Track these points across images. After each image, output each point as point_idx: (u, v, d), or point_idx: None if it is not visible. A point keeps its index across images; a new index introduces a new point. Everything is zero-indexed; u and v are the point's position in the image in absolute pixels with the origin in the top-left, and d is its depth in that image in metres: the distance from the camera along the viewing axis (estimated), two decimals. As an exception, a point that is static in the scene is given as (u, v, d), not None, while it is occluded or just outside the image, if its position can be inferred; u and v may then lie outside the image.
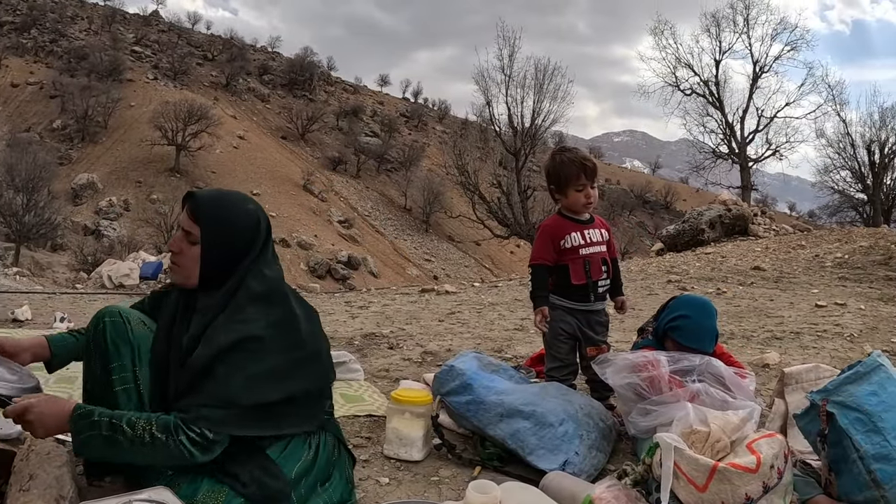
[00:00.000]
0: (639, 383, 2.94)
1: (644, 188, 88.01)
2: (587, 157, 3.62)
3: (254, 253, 2.36)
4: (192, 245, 2.35)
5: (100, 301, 8.54)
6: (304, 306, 2.47)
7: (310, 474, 2.36)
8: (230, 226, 2.35)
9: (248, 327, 2.23)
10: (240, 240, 2.35)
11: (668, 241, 16.50)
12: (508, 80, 34.69)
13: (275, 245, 2.53)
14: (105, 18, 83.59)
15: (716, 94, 39.75)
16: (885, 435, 2.31)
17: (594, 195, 3.61)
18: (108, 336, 2.42)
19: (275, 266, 2.43)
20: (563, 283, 3.59)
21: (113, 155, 58.73)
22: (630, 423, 2.96)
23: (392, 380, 4.40)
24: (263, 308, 2.29)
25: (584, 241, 3.59)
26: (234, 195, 2.46)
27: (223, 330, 2.23)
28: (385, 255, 58.57)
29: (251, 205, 2.43)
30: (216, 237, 2.34)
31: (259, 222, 2.40)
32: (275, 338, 2.26)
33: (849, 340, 5.49)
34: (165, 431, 2.11)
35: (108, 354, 2.40)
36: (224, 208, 2.38)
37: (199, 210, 2.35)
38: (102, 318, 2.46)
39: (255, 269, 2.35)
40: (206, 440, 2.14)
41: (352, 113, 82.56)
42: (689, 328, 3.23)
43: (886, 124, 36.53)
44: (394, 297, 9.28)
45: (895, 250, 10.22)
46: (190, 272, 2.37)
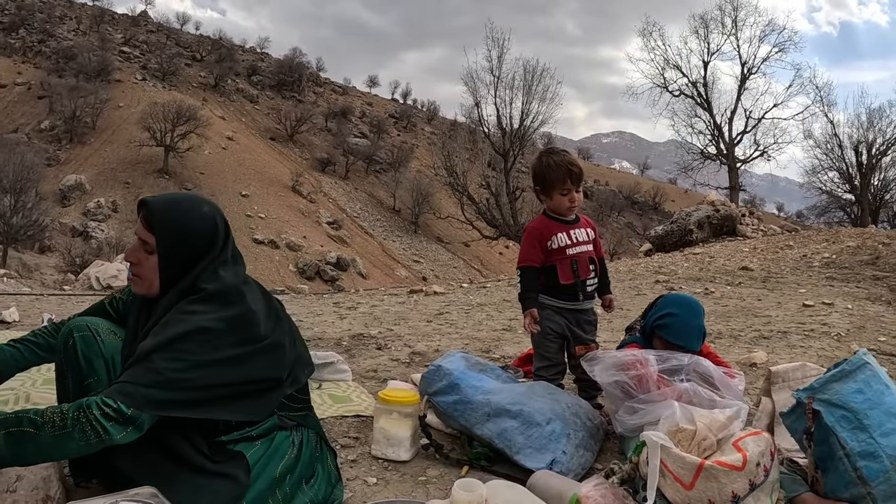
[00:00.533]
0: (626, 381, 2.95)
1: (633, 189, 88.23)
2: (573, 162, 3.63)
3: (213, 255, 2.30)
4: (149, 255, 2.29)
5: (87, 302, 8.49)
6: (268, 302, 2.42)
7: (294, 472, 2.36)
8: (186, 232, 2.29)
9: (195, 318, 2.17)
10: (197, 244, 2.29)
11: (656, 242, 16.54)
12: (497, 82, 34.75)
13: (262, 244, 2.51)
14: (93, 19, 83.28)
15: (704, 96, 39.92)
16: (870, 432, 2.32)
17: (579, 199, 3.62)
18: (80, 352, 2.37)
19: (234, 266, 2.37)
20: (552, 283, 3.60)
21: (101, 156, 58.53)
22: (617, 422, 2.96)
23: (380, 380, 4.39)
24: (216, 306, 2.23)
25: (570, 241, 3.60)
26: (188, 199, 2.38)
27: (170, 323, 2.16)
28: (374, 257, 58.52)
29: (206, 207, 2.36)
30: (173, 244, 2.28)
31: (216, 224, 2.33)
32: (224, 330, 2.19)
33: (836, 340, 5.51)
34: (78, 409, 1.99)
35: (82, 371, 2.37)
36: (178, 214, 2.30)
37: (154, 218, 2.29)
38: (71, 335, 2.41)
39: (210, 269, 2.29)
40: (121, 415, 2.01)
41: (340, 114, 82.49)
42: (676, 326, 3.24)
43: (874, 125, 36.80)
44: (382, 298, 9.26)
45: (882, 250, 10.26)
46: (150, 282, 2.31)
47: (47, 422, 1.95)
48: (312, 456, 2.45)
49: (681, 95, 40.35)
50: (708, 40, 40.07)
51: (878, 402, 2.39)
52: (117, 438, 2.00)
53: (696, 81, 40.03)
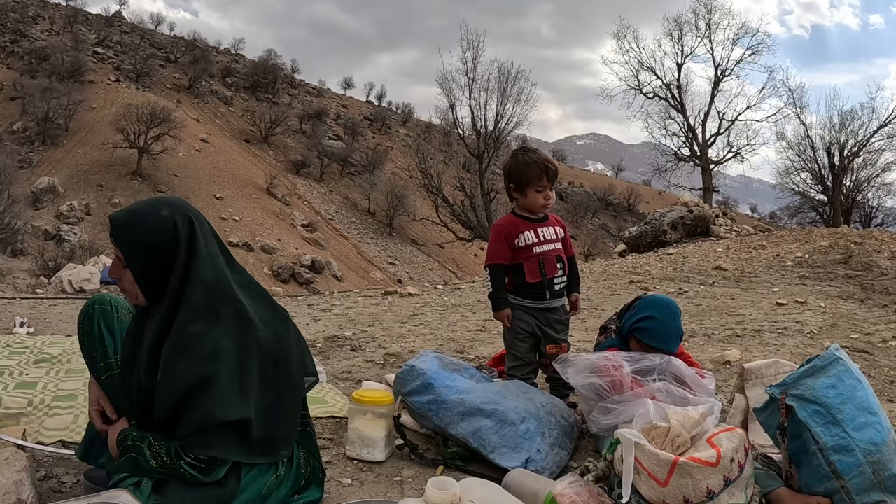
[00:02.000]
0: (600, 384, 2.95)
1: (607, 191, 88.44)
2: (549, 160, 3.65)
3: (179, 259, 2.28)
4: (125, 269, 2.32)
5: (60, 306, 8.41)
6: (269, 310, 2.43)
7: (283, 485, 2.38)
8: (144, 240, 2.28)
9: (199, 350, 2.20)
10: (159, 250, 2.28)
11: (630, 243, 16.62)
12: (472, 84, 34.84)
13: (236, 247, 2.50)
14: (67, 19, 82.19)
15: (678, 98, 40.20)
16: (843, 426, 2.33)
17: (553, 197, 3.64)
18: (95, 323, 2.48)
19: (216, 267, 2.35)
20: (519, 282, 3.62)
21: (74, 158, 57.86)
22: (591, 422, 2.96)
23: (354, 381, 4.38)
24: (207, 318, 2.24)
25: (537, 238, 3.61)
26: (146, 206, 2.37)
27: (178, 358, 2.19)
28: (349, 259, 58.33)
29: (165, 210, 2.33)
30: (135, 256, 2.29)
31: (175, 225, 2.30)
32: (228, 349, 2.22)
33: (809, 337, 5.55)
34: (169, 457, 2.17)
35: (94, 342, 2.46)
36: (134, 224, 2.30)
37: (115, 233, 2.32)
38: (92, 305, 2.52)
39: (191, 277, 2.28)
40: (202, 462, 2.17)
41: (315, 116, 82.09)
42: (654, 329, 3.26)
43: (846, 127, 37.25)
44: (357, 300, 9.24)
45: (854, 250, 10.36)
46: (135, 294, 2.34)
47: (154, 456, 2.19)
48: (300, 472, 2.46)
49: (655, 97, 40.63)
50: (682, 43, 40.41)
51: (850, 397, 2.40)
52: (211, 479, 2.20)
53: (669, 84, 40.34)
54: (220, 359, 2.19)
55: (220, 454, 2.19)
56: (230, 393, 2.18)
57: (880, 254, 9.98)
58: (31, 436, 3.10)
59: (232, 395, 2.19)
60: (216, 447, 2.18)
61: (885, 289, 7.86)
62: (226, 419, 2.17)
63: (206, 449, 2.17)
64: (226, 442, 2.20)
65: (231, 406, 2.18)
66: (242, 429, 2.21)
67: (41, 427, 3.25)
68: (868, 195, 38.62)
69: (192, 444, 2.17)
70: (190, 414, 2.17)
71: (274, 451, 2.35)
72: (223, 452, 2.19)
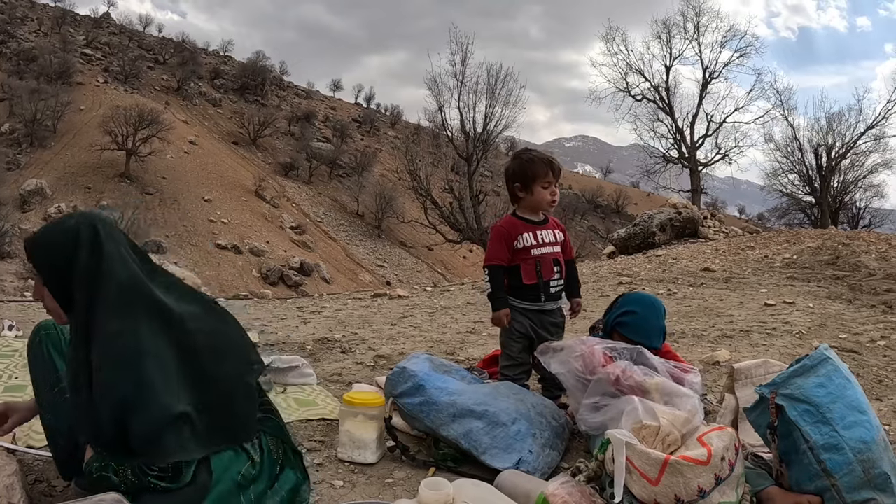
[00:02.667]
0: (576, 367, 3.00)
1: (595, 192, 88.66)
2: (553, 156, 3.71)
3: (80, 262, 2.23)
4: (44, 286, 2.30)
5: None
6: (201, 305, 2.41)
7: (259, 477, 2.35)
8: (47, 249, 2.27)
9: (123, 349, 2.17)
10: (60, 258, 2.25)
11: (619, 245, 16.66)
12: (461, 86, 34.80)
13: (225, 249, 2.49)
14: (55, 20, 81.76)
15: (666, 100, 40.33)
16: (833, 425, 2.35)
17: (558, 194, 3.69)
18: (45, 349, 2.51)
19: (128, 267, 2.30)
20: (516, 283, 3.64)
21: (62, 160, 57.59)
22: (580, 420, 2.98)
23: (345, 384, 4.37)
24: (124, 314, 2.21)
25: (536, 241, 3.63)
26: (54, 222, 2.38)
27: (104, 365, 2.16)
28: (337, 261, 58.28)
29: (71, 220, 2.31)
30: (42, 266, 2.29)
31: (78, 234, 2.26)
32: (153, 345, 2.19)
33: (797, 337, 5.58)
34: (136, 476, 2.16)
35: (47, 367, 2.49)
36: (40, 238, 2.31)
37: (27, 250, 2.32)
38: (38, 333, 2.56)
39: (101, 277, 2.24)
40: (167, 472, 2.15)
41: (304, 118, 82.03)
42: (635, 324, 3.32)
43: (833, 129, 37.43)
44: (346, 302, 9.23)
45: (842, 250, 10.41)
46: (58, 313, 2.32)
47: (122, 480, 2.16)
48: (272, 460, 2.43)
49: (643, 100, 40.74)
50: (670, 45, 40.52)
51: (839, 396, 2.42)
52: (184, 483, 2.17)
53: (658, 86, 40.44)
54: (145, 359, 2.16)
55: (178, 457, 2.15)
56: (163, 391, 2.15)
57: (868, 254, 10.04)
58: (20, 439, 3.08)
59: (166, 392, 2.16)
60: (171, 451, 2.14)
61: (872, 289, 7.90)
62: (166, 419, 2.14)
63: (163, 457, 2.14)
64: (179, 441, 2.16)
65: (169, 403, 2.15)
66: (189, 423, 2.18)
67: (31, 430, 3.23)
68: (855, 196, 38.89)
69: (149, 457, 2.14)
70: (133, 424, 2.12)
71: (232, 436, 2.32)
72: (181, 453, 2.16)
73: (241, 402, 2.40)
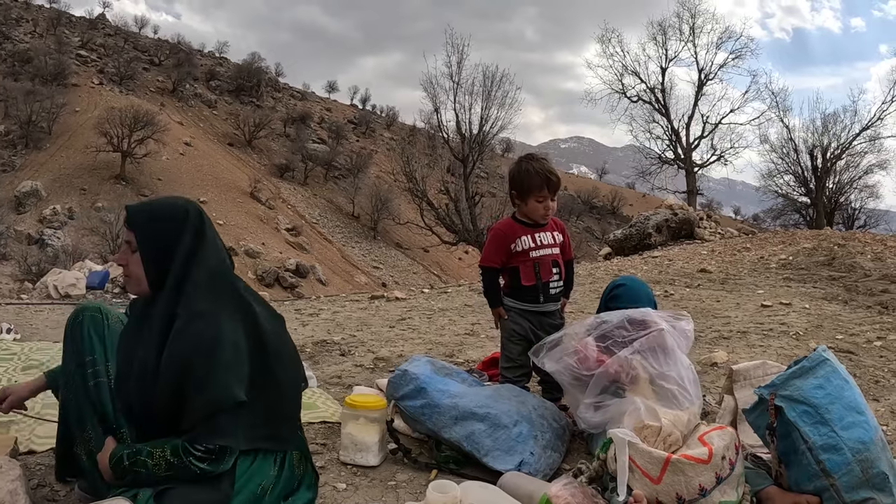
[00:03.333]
0: (571, 364, 3.03)
1: (591, 194, 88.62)
2: (552, 171, 3.70)
3: (185, 242, 2.36)
4: (133, 252, 2.37)
5: (46, 311, 8.38)
6: (265, 307, 2.49)
7: (276, 487, 2.39)
8: (157, 221, 2.38)
9: (204, 326, 2.25)
10: (168, 232, 2.36)
11: (615, 246, 16.67)
12: (457, 87, 34.75)
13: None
14: (50, 21, 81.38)
15: (662, 101, 40.34)
16: (832, 426, 2.38)
17: (553, 207, 3.70)
18: (85, 330, 2.49)
19: (220, 256, 2.44)
20: (515, 284, 3.68)
21: (57, 162, 57.40)
22: (579, 419, 3.00)
23: (345, 386, 4.39)
24: (212, 298, 2.31)
25: (534, 244, 3.66)
26: (164, 197, 2.54)
27: (184, 335, 2.24)
28: (333, 263, 58.19)
29: (181, 201, 2.47)
30: (146, 235, 2.36)
31: (187, 213, 2.40)
32: (232, 329, 2.28)
33: (794, 338, 5.60)
34: (176, 456, 2.19)
35: (83, 348, 2.47)
36: (151, 208, 2.43)
37: (131, 216, 2.40)
38: (82, 312, 2.54)
39: (197, 260, 2.36)
40: (211, 453, 2.20)
41: (299, 119, 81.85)
42: (625, 294, 3.46)
43: (828, 130, 37.47)
44: (344, 305, 9.23)
45: (838, 251, 10.44)
46: (139, 279, 2.38)
47: (157, 464, 2.20)
48: (293, 474, 2.48)
49: (639, 101, 40.73)
50: (666, 47, 40.55)
51: (838, 397, 2.44)
52: (222, 469, 2.24)
53: (654, 87, 40.45)
54: (222, 342, 2.23)
55: (228, 442, 2.22)
56: (233, 376, 2.23)
57: (863, 255, 10.07)
58: (22, 444, 3.10)
59: (236, 378, 2.23)
60: (224, 433, 2.21)
61: (868, 290, 7.92)
62: (229, 401, 2.21)
63: (214, 436, 2.20)
64: (233, 428, 2.23)
65: (236, 388, 2.22)
66: (246, 415, 2.26)
67: (32, 435, 3.24)
68: (851, 197, 38.91)
69: (200, 434, 2.19)
70: (195, 398, 2.19)
71: (279, 439, 2.40)
72: (231, 439, 2.23)
73: (291, 406, 2.49)
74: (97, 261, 20.28)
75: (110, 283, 12.66)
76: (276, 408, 2.37)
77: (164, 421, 2.26)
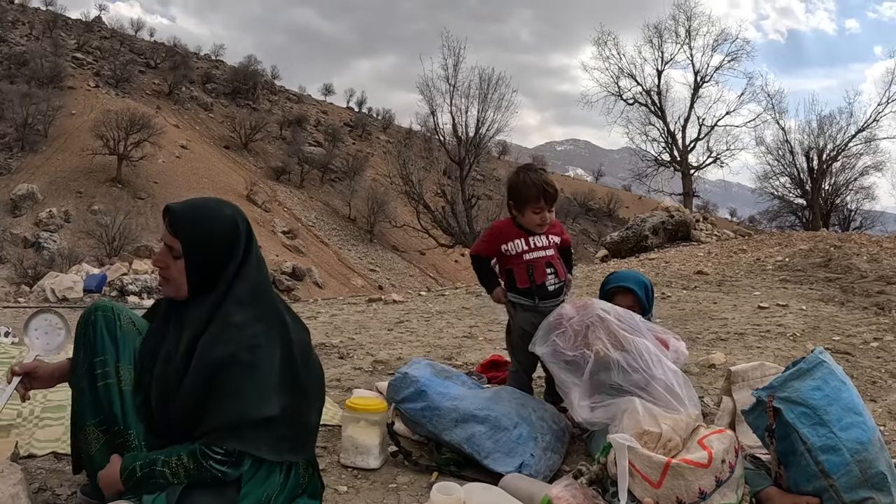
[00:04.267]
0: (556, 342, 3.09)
1: (587, 196, 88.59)
2: (549, 182, 3.68)
3: (237, 257, 2.36)
4: (176, 259, 2.36)
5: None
6: (297, 321, 2.50)
7: (280, 495, 2.39)
8: (208, 234, 2.35)
9: (239, 336, 2.25)
10: (220, 247, 2.35)
11: (612, 248, 16.70)
12: (453, 90, 34.83)
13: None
14: (46, 24, 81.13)
15: (658, 104, 40.43)
16: (830, 427, 2.40)
17: (550, 219, 3.69)
18: (98, 329, 2.46)
19: (262, 269, 2.45)
20: (511, 285, 3.71)
21: (53, 164, 57.26)
22: (576, 411, 3.00)
23: (344, 389, 4.39)
24: (252, 310, 2.31)
25: (528, 246, 3.67)
26: (209, 203, 2.48)
27: (216, 341, 2.25)
28: (330, 266, 58.12)
29: (228, 210, 2.44)
30: (196, 248, 2.34)
31: (237, 226, 2.40)
32: (267, 345, 2.28)
33: (791, 340, 5.62)
34: (195, 461, 2.19)
35: (95, 348, 2.44)
36: (200, 218, 2.38)
37: (177, 223, 2.36)
38: (95, 311, 2.51)
39: (242, 274, 2.36)
40: (231, 456, 2.21)
41: (295, 122, 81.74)
42: (618, 276, 3.62)
43: (824, 132, 37.61)
44: (342, 307, 9.24)
45: (834, 253, 10.45)
46: (179, 285, 2.38)
47: (175, 473, 2.19)
48: (298, 482, 2.48)
49: (635, 104, 40.83)
50: (662, 49, 40.68)
51: (835, 398, 2.46)
52: (236, 475, 2.24)
53: (650, 90, 40.56)
54: (260, 352, 2.25)
55: (250, 450, 2.22)
56: (266, 388, 2.23)
57: (859, 256, 10.08)
58: (22, 448, 3.10)
59: (267, 390, 2.24)
60: (248, 442, 2.22)
61: (864, 291, 7.94)
62: (260, 416, 2.21)
63: (237, 442, 2.20)
64: (257, 438, 2.23)
65: (265, 402, 2.23)
66: (273, 426, 2.26)
67: (32, 438, 3.25)
68: (846, 199, 39.09)
69: (221, 437, 2.19)
70: (221, 402, 2.19)
71: (297, 449, 2.39)
72: (254, 448, 2.23)
73: (315, 419, 2.49)
74: (94, 264, 20.27)
75: (108, 286, 12.66)
76: (301, 420, 2.37)
77: (181, 423, 2.26)
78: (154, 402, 2.33)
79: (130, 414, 2.40)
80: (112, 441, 2.38)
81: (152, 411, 2.35)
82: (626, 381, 2.91)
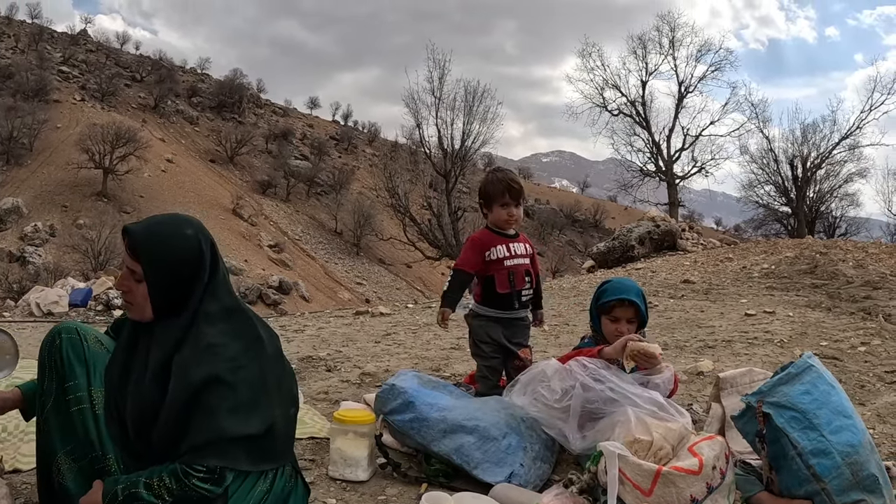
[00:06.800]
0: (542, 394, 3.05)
1: (573, 207, 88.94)
2: (514, 179, 3.87)
3: (202, 278, 2.29)
4: (138, 282, 2.28)
5: (29, 329, 8.33)
6: (267, 329, 2.44)
7: (267, 502, 2.36)
8: (170, 258, 2.27)
9: (217, 357, 2.20)
10: (184, 269, 2.27)
11: (598, 259, 16.72)
12: (438, 103, 34.89)
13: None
14: (32, 37, 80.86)
15: (642, 114, 40.68)
16: (820, 431, 2.40)
17: (517, 214, 3.82)
18: (64, 353, 2.39)
19: (229, 285, 2.39)
20: (489, 292, 3.78)
21: (38, 178, 57.08)
22: (571, 445, 2.98)
23: (332, 402, 4.37)
24: (225, 327, 2.27)
25: (509, 253, 3.78)
26: (169, 223, 2.36)
27: (194, 362, 2.19)
28: (316, 279, 58.08)
29: (189, 230, 2.33)
30: (158, 272, 2.26)
31: (200, 246, 2.31)
32: (246, 364, 2.24)
33: (779, 346, 5.64)
34: (176, 480, 2.12)
35: (64, 372, 2.38)
36: (161, 241, 2.29)
37: (137, 247, 2.27)
38: (59, 334, 2.43)
39: (210, 292, 2.30)
40: (213, 473, 2.14)
41: (281, 136, 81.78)
42: (612, 287, 3.48)
43: (808, 140, 37.90)
44: (328, 321, 9.21)
45: (820, 259, 10.49)
46: (142, 309, 2.30)
47: (158, 494, 2.11)
48: (284, 489, 2.44)
49: (620, 114, 41.07)
50: (646, 60, 40.95)
51: (825, 402, 2.46)
52: (220, 492, 2.17)
53: (634, 101, 40.81)
54: (241, 373, 2.20)
55: (230, 464, 2.17)
56: (248, 407, 2.20)
57: (845, 262, 10.13)
58: (7, 462, 3.07)
59: (249, 410, 2.20)
60: (228, 457, 2.17)
61: (851, 297, 7.97)
62: (240, 434, 2.17)
63: (217, 458, 2.15)
64: (237, 452, 2.19)
65: (247, 421, 2.19)
66: (252, 439, 2.22)
67: (17, 453, 3.21)
68: (831, 206, 39.37)
69: (202, 455, 2.14)
70: (202, 422, 2.15)
71: (277, 457, 2.35)
72: (234, 462, 2.18)
73: (292, 426, 2.47)
74: (79, 278, 20.17)
75: (93, 300, 12.60)
76: (278, 429, 2.33)
77: (160, 444, 2.21)
78: (131, 423, 2.27)
79: (107, 437, 2.36)
80: (88, 468, 2.34)
81: (128, 433, 2.29)
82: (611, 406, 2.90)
